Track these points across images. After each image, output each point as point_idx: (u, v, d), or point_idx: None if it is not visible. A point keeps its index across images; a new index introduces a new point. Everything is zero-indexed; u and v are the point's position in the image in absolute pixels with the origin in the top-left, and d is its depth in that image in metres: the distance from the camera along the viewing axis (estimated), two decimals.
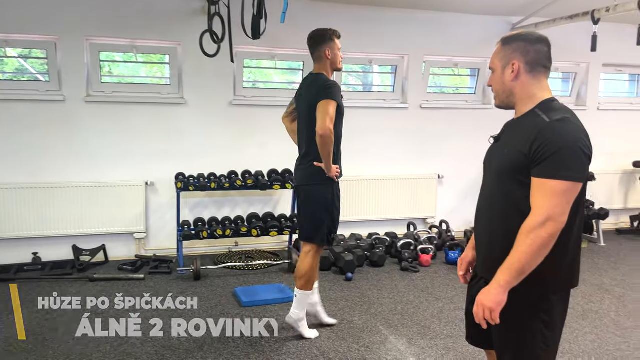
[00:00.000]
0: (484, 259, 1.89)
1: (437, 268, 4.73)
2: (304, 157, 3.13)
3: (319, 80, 3.02)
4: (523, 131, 1.76)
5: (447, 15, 5.48)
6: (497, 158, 1.89)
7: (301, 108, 3.15)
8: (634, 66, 6.42)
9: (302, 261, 3.15)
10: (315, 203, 3.07)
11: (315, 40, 3.05)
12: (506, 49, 1.85)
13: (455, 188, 5.81)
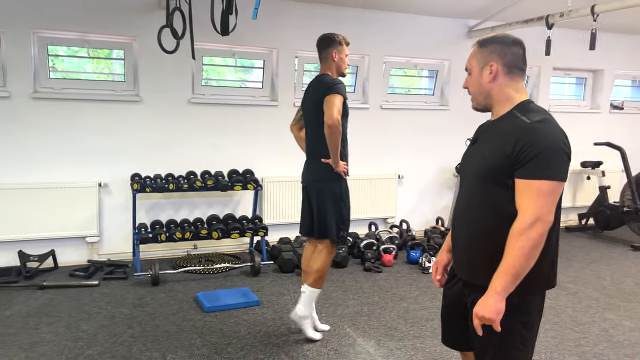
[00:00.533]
0: (465, 262, 1.88)
1: (400, 267, 4.75)
2: (312, 157, 3.19)
3: (325, 79, 3.09)
4: (503, 133, 1.76)
5: (407, 16, 5.52)
6: (476, 160, 1.86)
7: (308, 109, 3.20)
8: (581, 70, 6.70)
9: (315, 258, 3.15)
10: (324, 199, 3.11)
11: (325, 42, 3.13)
12: (483, 51, 1.83)
13: (415, 188, 5.87)
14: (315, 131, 3.10)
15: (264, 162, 5.15)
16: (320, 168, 3.10)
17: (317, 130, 3.05)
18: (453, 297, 1.96)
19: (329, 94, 2.96)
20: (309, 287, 3.15)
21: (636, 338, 3.34)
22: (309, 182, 3.22)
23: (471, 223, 1.86)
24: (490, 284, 1.68)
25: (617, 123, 6.81)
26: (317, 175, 3.15)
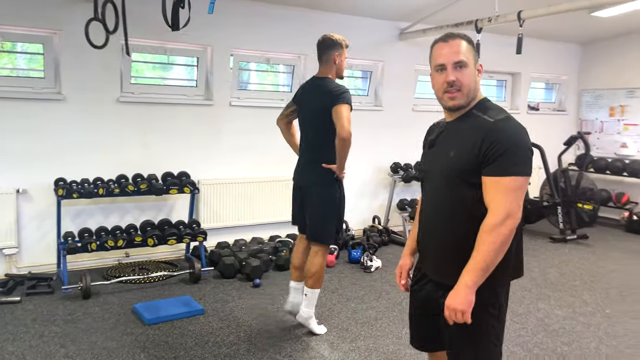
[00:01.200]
0: (438, 263, 1.88)
1: (342, 267, 4.75)
2: (311, 160, 3.19)
3: (328, 84, 3.08)
4: (467, 133, 1.77)
5: (341, 17, 5.54)
6: (440, 162, 1.85)
7: (308, 112, 3.19)
8: (502, 72, 7.08)
9: (312, 261, 3.17)
10: (324, 203, 3.14)
11: (327, 44, 3.13)
12: (471, 48, 1.82)
13: (352, 188, 5.87)
14: (316, 135, 3.13)
15: (200, 163, 4.95)
16: (321, 172, 3.11)
17: (319, 135, 3.09)
18: (424, 298, 1.96)
19: (338, 103, 2.97)
20: (309, 289, 3.17)
21: (569, 326, 3.55)
22: (307, 184, 3.21)
23: (441, 224, 1.86)
24: (460, 277, 1.70)
25: (534, 123, 7.23)
26: (318, 179, 3.15)
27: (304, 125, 3.25)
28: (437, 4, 5.25)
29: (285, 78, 5.62)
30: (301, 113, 3.27)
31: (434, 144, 1.92)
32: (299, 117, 3.30)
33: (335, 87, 3.07)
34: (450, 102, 1.79)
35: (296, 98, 3.30)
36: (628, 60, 7.02)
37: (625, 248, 5.73)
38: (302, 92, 3.29)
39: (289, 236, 5.20)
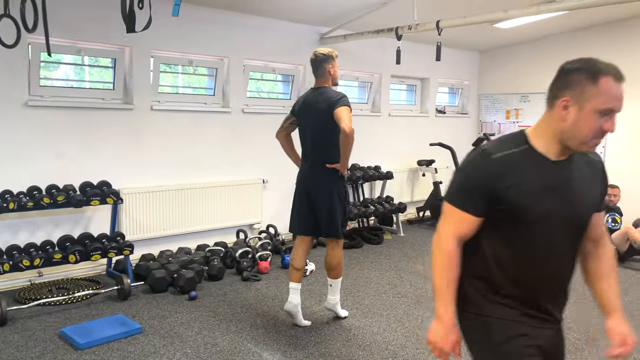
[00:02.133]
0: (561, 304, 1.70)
1: (277, 274, 4.71)
2: (317, 162, 3.41)
3: (328, 92, 3.37)
4: (588, 174, 1.62)
5: (264, 20, 5.49)
6: (575, 204, 1.57)
7: (310, 119, 3.41)
8: (412, 78, 7.44)
9: (332, 254, 3.50)
10: (336, 201, 3.40)
11: (320, 59, 3.41)
12: None
13: (279, 192, 5.87)
14: (320, 139, 3.38)
15: (121, 172, 4.65)
16: (327, 172, 3.38)
17: (323, 138, 3.36)
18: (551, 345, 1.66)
19: (339, 106, 3.23)
20: (333, 279, 3.54)
21: None
22: (316, 186, 3.43)
23: (567, 265, 1.67)
24: (616, 306, 1.72)
25: (442, 125, 7.72)
26: (325, 179, 3.40)
27: (309, 132, 3.46)
28: (357, 11, 5.39)
29: (209, 81, 5.44)
30: (303, 122, 3.50)
31: (554, 187, 1.55)
32: (301, 127, 3.54)
33: (335, 93, 3.35)
34: (592, 148, 1.53)
35: (295, 110, 3.56)
36: (521, 67, 7.71)
37: None
38: (302, 104, 3.51)
39: (218, 244, 5.06)
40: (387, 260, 5.22)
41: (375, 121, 6.82)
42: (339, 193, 3.41)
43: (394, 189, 6.81)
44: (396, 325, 3.61)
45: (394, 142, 7.06)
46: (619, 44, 6.66)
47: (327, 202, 3.40)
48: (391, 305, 3.99)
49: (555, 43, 7.27)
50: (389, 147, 6.97)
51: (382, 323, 3.64)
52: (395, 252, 5.57)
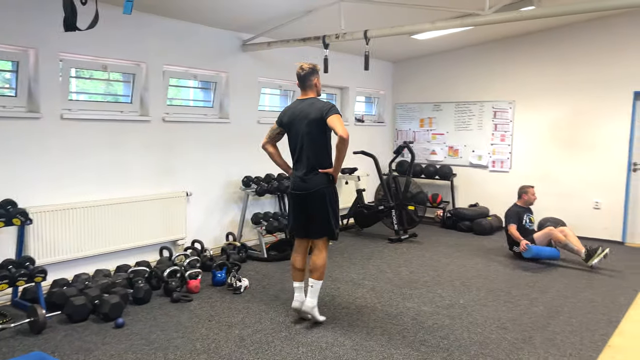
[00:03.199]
0: None
1: (208, 292, 4.44)
2: (310, 168, 3.61)
3: (318, 102, 3.64)
4: None
5: (184, 24, 5.22)
6: None
7: (301, 128, 3.61)
8: (332, 87, 7.47)
9: (319, 256, 3.69)
10: (327, 203, 3.62)
11: (307, 72, 3.69)
12: None
13: (203, 204, 5.59)
14: (312, 146, 3.60)
15: (28, 189, 4.14)
16: (320, 177, 3.60)
17: (315, 145, 3.60)
18: None
19: (332, 114, 3.50)
20: (317, 280, 3.68)
21: (439, 320, 3.88)
22: (310, 190, 3.60)
23: None
24: None
25: (361, 134, 7.83)
26: (319, 183, 3.60)
27: (300, 140, 3.64)
28: (280, 18, 5.30)
29: (125, 88, 5.04)
30: (295, 131, 3.67)
31: None
32: (292, 136, 3.71)
33: (325, 103, 3.62)
34: None
35: (283, 121, 3.75)
36: (432, 78, 8.06)
37: (446, 243, 6.53)
38: (291, 114, 3.69)
39: (140, 264, 4.67)
40: None
41: None
42: (331, 196, 3.64)
43: None
44: (343, 338, 3.52)
45: None
46: (515, 58, 7.19)
47: (322, 205, 3.61)
48: (334, 317, 3.90)
49: (462, 56, 7.69)
50: None
51: (328, 337, 3.53)
52: (327, 261, 5.49)
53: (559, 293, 4.57)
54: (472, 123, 7.72)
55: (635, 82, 6.30)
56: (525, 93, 7.18)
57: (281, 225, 5.56)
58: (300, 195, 3.67)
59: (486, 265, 5.48)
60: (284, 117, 3.75)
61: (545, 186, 7.04)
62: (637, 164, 6.49)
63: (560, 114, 6.90)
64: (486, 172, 7.63)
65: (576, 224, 6.68)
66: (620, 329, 3.76)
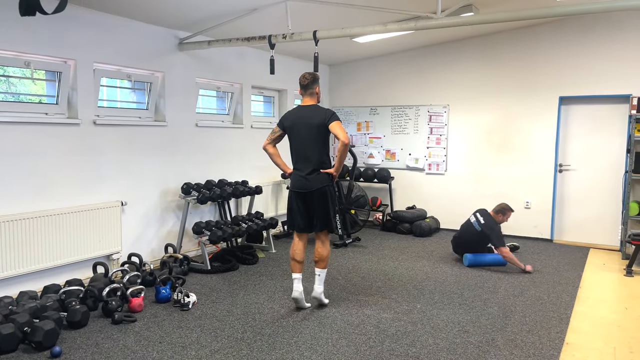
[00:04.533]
0: None
1: (154, 310, 4.07)
2: (312, 168, 3.98)
3: (320, 109, 4.03)
4: None
5: (116, 19, 4.81)
6: None
7: (304, 132, 3.99)
8: (270, 89, 7.26)
9: (324, 247, 4.12)
10: (329, 200, 4.02)
11: (311, 80, 4.07)
12: None
13: (140, 214, 5.17)
14: (315, 148, 3.98)
15: None
16: (322, 176, 3.99)
17: (318, 148, 3.98)
18: None
19: (334, 120, 3.92)
20: (322, 269, 4.13)
21: (401, 327, 3.80)
22: (313, 188, 3.98)
23: None
24: None
25: None
26: (321, 182, 3.99)
27: (303, 142, 3.99)
28: (222, 16, 5.04)
29: (49, 87, 4.53)
30: (297, 135, 4.00)
31: None
32: (294, 139, 4.03)
33: (326, 110, 4.00)
34: None
35: (286, 125, 4.06)
36: (369, 81, 8.08)
37: (389, 246, 6.54)
38: (293, 119, 4.03)
39: (72, 283, 4.20)
40: (270, 281, 4.91)
41: (238, 133, 6.46)
42: (332, 193, 4.06)
43: (258, 204, 6.52)
44: (310, 352, 3.34)
45: (256, 155, 6.78)
46: (449, 63, 7.39)
47: (323, 202, 4.00)
48: (296, 331, 3.71)
49: (398, 60, 7.79)
50: (252, 161, 6.67)
51: (294, 354, 3.33)
52: (275, 270, 5.29)
53: (508, 292, 4.68)
54: (408, 127, 7.83)
55: (561, 88, 6.68)
56: (459, 97, 7.38)
57: (225, 234, 5.27)
58: (303, 193, 4.02)
59: (433, 267, 5.52)
60: (286, 121, 4.07)
61: (479, 188, 7.29)
62: (562, 165, 6.87)
63: (492, 118, 7.17)
64: (423, 175, 7.77)
65: (509, 223, 6.95)
66: (572, 326, 3.88)
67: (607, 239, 6.62)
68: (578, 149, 6.77)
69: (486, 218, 5.56)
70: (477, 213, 5.70)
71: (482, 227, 5.50)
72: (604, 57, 6.40)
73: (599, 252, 6.38)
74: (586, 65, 6.51)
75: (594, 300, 4.52)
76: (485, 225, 5.49)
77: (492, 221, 5.54)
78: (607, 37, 6.37)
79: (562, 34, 6.61)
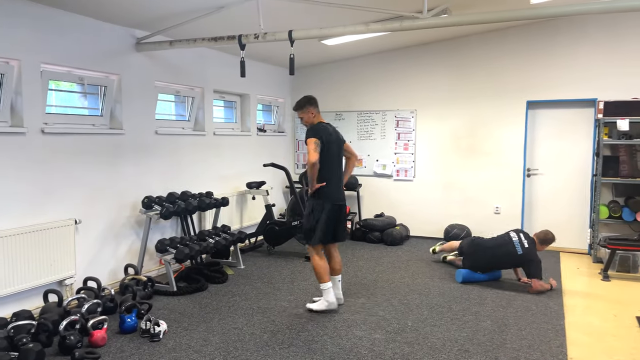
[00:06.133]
0: None
1: (118, 343, 3.58)
2: (342, 182, 4.36)
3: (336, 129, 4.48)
4: None
5: (66, 15, 4.30)
6: None
7: (336, 148, 4.29)
8: (233, 93, 6.85)
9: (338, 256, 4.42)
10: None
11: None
12: None
13: (95, 233, 4.64)
14: (340, 164, 4.36)
15: None
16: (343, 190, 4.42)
17: (341, 164, 4.37)
18: None
19: (345, 141, 4.50)
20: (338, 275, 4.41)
21: (398, 349, 3.53)
22: (344, 201, 4.39)
23: None
24: None
25: (264, 144, 7.31)
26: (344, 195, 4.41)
27: (334, 157, 4.25)
28: (184, 14, 4.62)
29: None
30: (332, 149, 4.22)
31: None
32: (329, 152, 4.18)
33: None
34: None
35: (325, 139, 4.16)
36: (333, 86, 7.81)
37: (362, 256, 6.29)
38: (327, 134, 4.21)
39: (19, 315, 3.65)
40: (245, 302, 4.51)
41: (200, 141, 6.02)
42: None
43: (223, 217, 6.10)
44: None
45: (221, 164, 6.36)
46: (416, 67, 7.25)
47: (345, 214, 4.43)
48: (281, 358, 3.34)
49: (364, 64, 7.58)
50: (214, 170, 6.23)
51: None
52: (248, 289, 4.89)
53: (495, 303, 4.51)
54: (375, 132, 7.62)
55: (529, 92, 6.67)
56: (426, 102, 7.25)
57: (192, 251, 4.82)
58: (340, 205, 4.30)
59: (412, 279, 5.30)
60: (323, 135, 4.16)
61: (449, 193, 7.18)
62: (530, 169, 6.86)
63: (460, 123, 7.08)
64: (390, 182, 7.58)
65: (479, 229, 6.88)
66: (569, 338, 3.74)
67: (576, 243, 6.65)
68: (546, 153, 6.78)
69: (530, 243, 4.94)
70: (520, 234, 5.07)
71: (524, 251, 4.88)
72: (569, 62, 6.44)
73: (570, 256, 6.38)
74: (552, 70, 6.53)
75: (582, 308, 4.43)
76: (529, 250, 4.87)
77: (534, 249, 4.93)
78: (572, 41, 6.41)
79: (529, 38, 6.61)
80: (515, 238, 5.02)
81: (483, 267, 5.17)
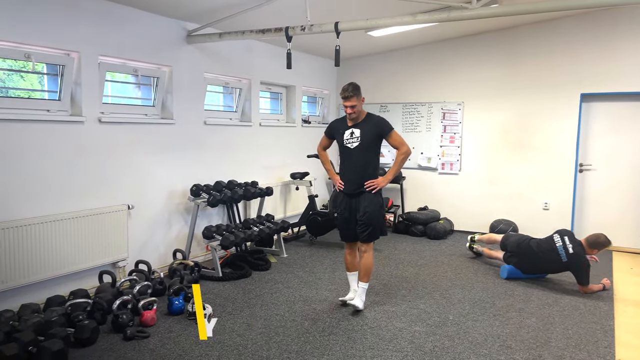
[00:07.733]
0: None
1: (166, 324, 3.75)
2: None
3: None
4: None
5: (122, 8, 4.46)
6: None
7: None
8: (279, 85, 6.94)
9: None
10: None
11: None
12: None
13: (147, 218, 4.84)
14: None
15: None
16: None
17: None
18: None
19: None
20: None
21: (438, 342, 3.52)
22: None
23: None
24: None
25: (309, 136, 7.37)
26: None
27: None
28: (233, 7, 4.70)
29: (50, 82, 4.18)
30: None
31: None
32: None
33: None
34: None
35: None
36: (379, 77, 7.78)
37: (404, 249, 6.26)
38: None
39: (76, 294, 3.87)
40: (287, 290, 4.60)
41: (246, 132, 6.14)
42: None
43: (267, 206, 6.22)
44: None
45: (266, 155, 6.48)
46: (464, 58, 7.11)
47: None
48: (326, 347, 3.41)
49: (410, 55, 7.50)
50: (260, 161, 6.35)
51: None
52: (290, 277, 4.99)
53: (541, 301, 4.41)
54: (420, 124, 7.55)
55: (583, 85, 6.43)
56: (474, 94, 7.11)
57: (237, 239, 4.95)
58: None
59: (455, 273, 5.24)
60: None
61: (495, 188, 7.03)
62: (583, 164, 6.63)
63: (509, 115, 6.91)
64: (435, 175, 7.50)
65: (526, 225, 6.71)
66: (618, 339, 3.62)
67: (629, 242, 6.39)
68: (600, 148, 6.53)
69: (577, 248, 4.63)
70: (564, 237, 4.75)
71: (569, 257, 4.60)
72: (628, 53, 6.16)
73: (623, 256, 6.15)
74: (609, 62, 6.26)
75: (633, 309, 4.27)
76: (575, 256, 4.59)
77: (583, 253, 4.62)
78: (632, 32, 6.12)
79: (584, 28, 6.35)
80: (559, 243, 4.74)
81: (529, 270, 5.01)
